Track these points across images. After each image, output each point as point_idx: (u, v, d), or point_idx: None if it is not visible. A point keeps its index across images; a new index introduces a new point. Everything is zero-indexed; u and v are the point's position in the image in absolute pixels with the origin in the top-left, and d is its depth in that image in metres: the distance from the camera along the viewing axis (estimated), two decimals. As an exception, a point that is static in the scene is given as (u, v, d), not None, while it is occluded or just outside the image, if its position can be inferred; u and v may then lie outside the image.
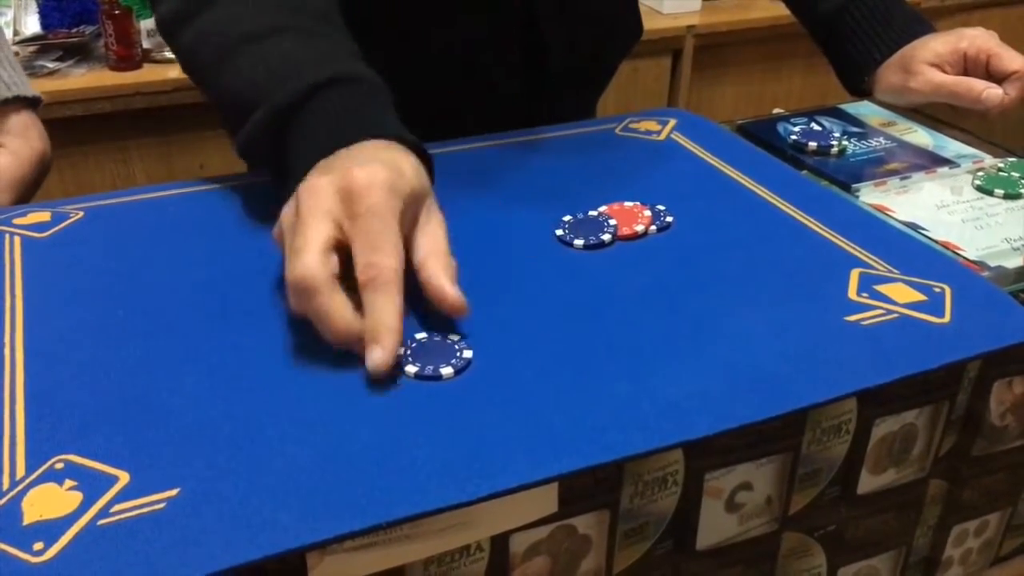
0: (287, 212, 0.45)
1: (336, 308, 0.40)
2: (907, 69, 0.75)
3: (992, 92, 0.70)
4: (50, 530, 0.32)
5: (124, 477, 0.35)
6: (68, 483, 0.34)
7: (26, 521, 0.33)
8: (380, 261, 0.41)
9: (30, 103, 0.68)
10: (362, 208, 0.42)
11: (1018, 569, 0.63)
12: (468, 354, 0.42)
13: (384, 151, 0.47)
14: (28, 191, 0.66)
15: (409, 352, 0.42)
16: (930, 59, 0.74)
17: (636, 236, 0.53)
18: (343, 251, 0.43)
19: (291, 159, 0.50)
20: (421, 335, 0.44)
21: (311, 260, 0.41)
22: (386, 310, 0.40)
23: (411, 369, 0.41)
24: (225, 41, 0.54)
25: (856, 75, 0.80)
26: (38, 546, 0.31)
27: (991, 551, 0.61)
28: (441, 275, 0.43)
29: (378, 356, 0.40)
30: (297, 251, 0.41)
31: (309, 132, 0.50)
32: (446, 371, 0.41)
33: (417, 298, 0.44)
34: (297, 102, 0.50)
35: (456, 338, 0.43)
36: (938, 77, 0.73)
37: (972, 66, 0.74)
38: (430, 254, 0.44)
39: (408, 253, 0.44)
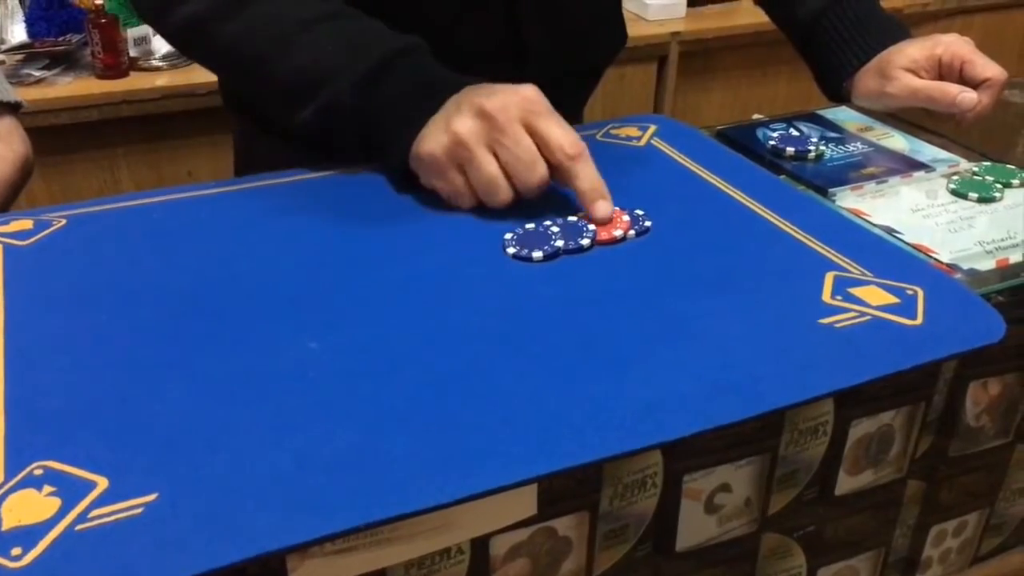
0: (468, 134, 0.55)
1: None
2: (884, 74, 0.75)
3: (966, 96, 0.71)
4: (28, 536, 0.32)
5: (103, 482, 0.35)
6: (47, 489, 0.35)
7: (4, 527, 0.33)
8: (578, 141, 0.56)
9: (11, 108, 0.69)
10: (542, 107, 0.56)
11: (997, 569, 0.63)
12: (560, 243, 0.53)
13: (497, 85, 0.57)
14: (11, 194, 0.66)
15: (514, 238, 0.53)
16: (906, 64, 0.74)
17: (615, 241, 0.54)
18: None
19: (395, 113, 0.58)
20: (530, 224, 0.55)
21: (542, 170, 0.55)
22: (596, 175, 0.56)
23: (511, 251, 0.52)
24: (284, 28, 0.60)
25: (834, 80, 0.81)
26: (16, 551, 0.32)
27: (970, 551, 0.62)
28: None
29: (605, 207, 0.55)
30: (520, 160, 0.55)
31: (400, 92, 0.58)
32: (537, 255, 0.51)
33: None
34: (385, 63, 0.59)
35: (556, 230, 0.54)
36: (914, 82, 0.73)
37: (947, 72, 0.75)
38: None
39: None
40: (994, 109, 0.72)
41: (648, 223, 0.55)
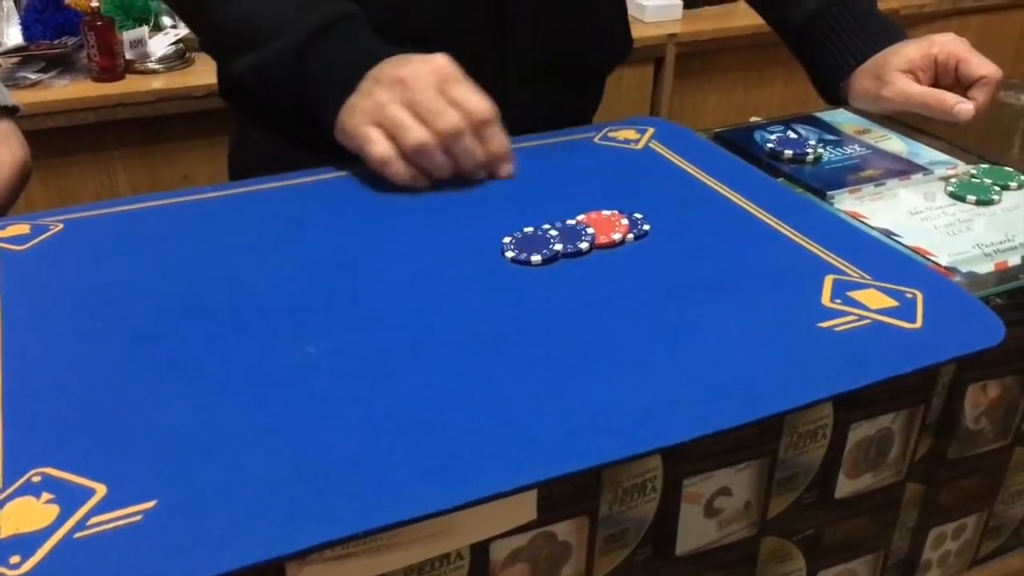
0: (385, 101, 0.59)
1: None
2: (880, 77, 0.74)
3: (963, 107, 0.71)
4: (27, 544, 0.32)
5: (101, 490, 0.35)
6: (45, 496, 0.34)
7: (3, 535, 0.33)
8: (488, 106, 0.59)
9: (9, 111, 0.69)
10: (454, 74, 0.59)
11: (996, 571, 0.63)
12: (558, 247, 0.53)
13: (417, 55, 0.60)
14: (10, 198, 0.67)
15: (512, 242, 0.53)
16: (903, 66, 0.74)
17: (613, 244, 0.54)
18: None
19: (324, 76, 0.61)
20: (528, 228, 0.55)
21: (456, 118, 0.58)
22: (504, 139, 0.61)
23: (510, 255, 0.52)
24: None
25: (830, 82, 0.80)
26: (14, 560, 0.31)
27: (969, 553, 0.62)
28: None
29: (507, 169, 0.62)
30: (436, 113, 0.58)
31: (337, 56, 0.62)
32: (535, 258, 0.52)
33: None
34: (323, 29, 0.61)
35: (554, 233, 0.54)
36: (910, 88, 0.73)
37: (942, 71, 0.74)
38: None
39: None
40: (990, 108, 0.72)
41: (647, 227, 0.55)
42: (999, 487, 0.60)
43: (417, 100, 0.58)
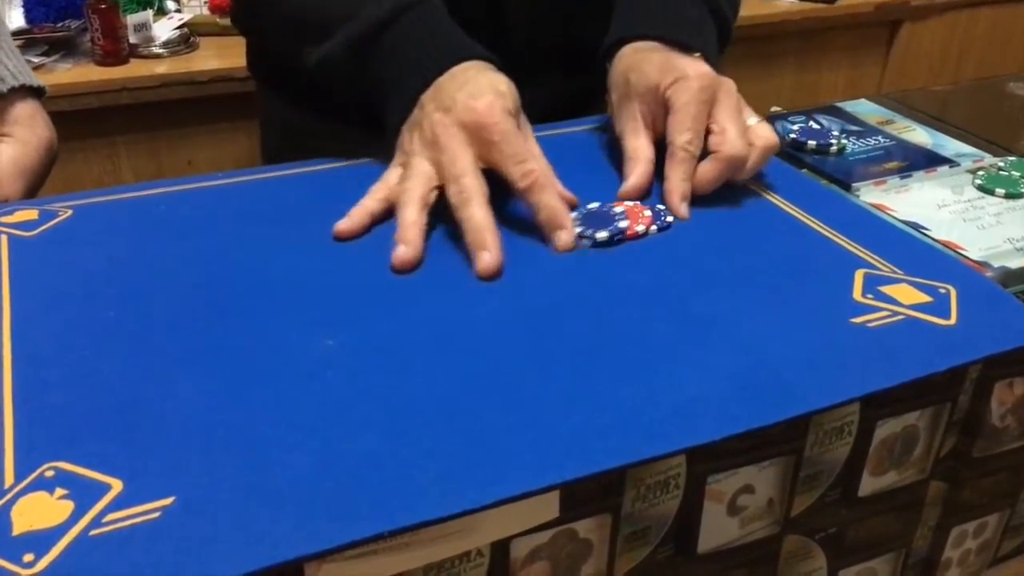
0: (408, 147, 0.55)
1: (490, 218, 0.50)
2: (623, 86, 0.59)
3: (679, 211, 0.54)
4: (41, 541, 0.31)
5: (117, 485, 0.34)
6: (59, 491, 0.33)
7: (16, 531, 0.32)
8: (533, 166, 0.51)
9: (35, 92, 0.68)
10: (496, 136, 0.52)
11: (1016, 570, 0.63)
12: (623, 224, 0.52)
13: (483, 75, 0.55)
14: (37, 180, 0.66)
15: (579, 218, 0.53)
16: (640, 90, 0.58)
17: (637, 236, 0.53)
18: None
19: (388, 76, 0.57)
20: (593, 204, 0.54)
21: (472, 179, 0.51)
22: (553, 203, 0.51)
23: (578, 230, 0.52)
24: None
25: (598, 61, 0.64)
26: (28, 558, 0.31)
27: (989, 552, 0.61)
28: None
29: (566, 237, 0.51)
30: (456, 176, 0.51)
31: (401, 52, 0.57)
32: (601, 235, 0.51)
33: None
34: (385, 20, 0.57)
35: (620, 209, 0.53)
36: (629, 140, 0.58)
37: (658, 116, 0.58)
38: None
39: None
40: (999, 103, 0.68)
41: (670, 219, 0.54)
42: (1022, 486, 0.59)
43: (445, 170, 0.52)
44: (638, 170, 0.57)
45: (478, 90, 0.53)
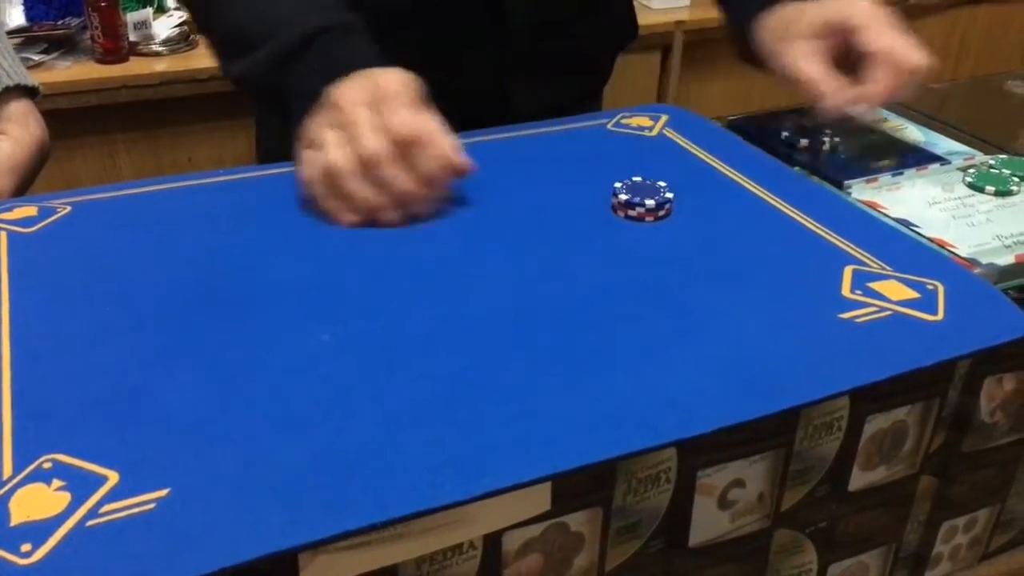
0: (319, 121, 0.55)
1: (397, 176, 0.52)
2: (783, 39, 0.64)
3: (858, 109, 0.60)
4: (38, 531, 0.32)
5: (113, 477, 0.34)
6: (56, 483, 0.34)
7: (13, 522, 0.32)
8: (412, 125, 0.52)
9: (29, 92, 0.69)
10: (391, 92, 0.54)
11: (1007, 565, 0.63)
12: (670, 195, 0.55)
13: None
14: (29, 177, 0.67)
15: (623, 187, 0.55)
16: (803, 32, 0.63)
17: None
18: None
19: (296, 88, 0.59)
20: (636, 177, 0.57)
21: (375, 140, 0.52)
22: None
23: (623, 197, 0.54)
24: None
25: (741, 40, 0.70)
26: (26, 548, 0.31)
27: (980, 547, 0.62)
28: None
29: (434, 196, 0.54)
30: (356, 136, 0.52)
31: (309, 71, 0.59)
32: (649, 202, 0.54)
33: None
34: (304, 42, 0.59)
35: (662, 184, 0.56)
36: (801, 66, 0.62)
37: (844, 40, 0.63)
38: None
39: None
40: (996, 98, 0.69)
41: (670, 194, 0.56)
42: (1012, 481, 0.59)
43: (343, 122, 0.54)
44: (832, 85, 0.61)
45: (372, 74, 0.56)
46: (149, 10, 1.52)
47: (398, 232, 0.53)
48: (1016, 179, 0.62)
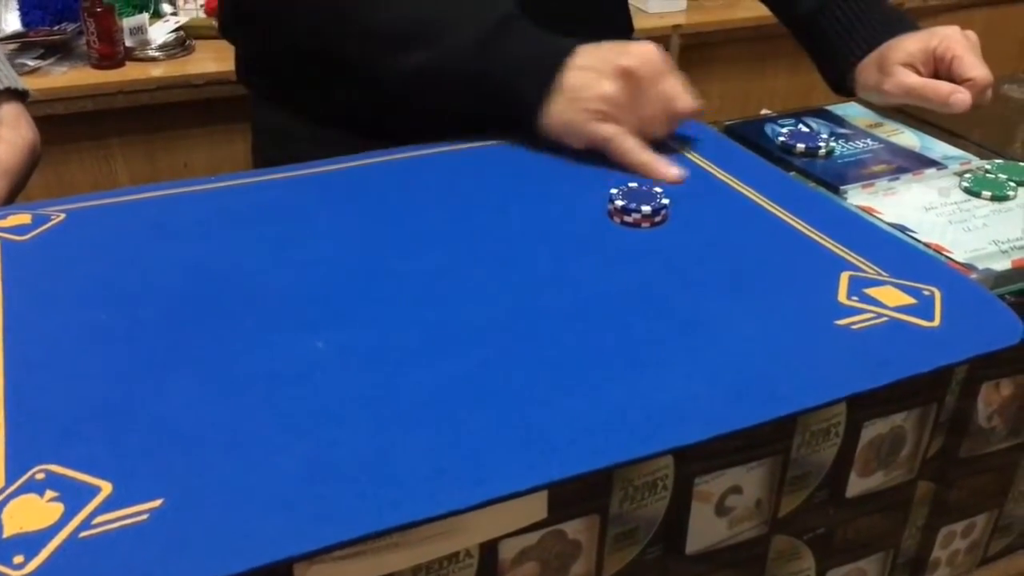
0: (613, 87, 0.61)
1: None
2: (882, 69, 0.74)
3: (959, 97, 0.70)
4: (31, 543, 0.31)
5: (107, 487, 0.34)
6: (49, 494, 0.34)
7: (6, 534, 0.32)
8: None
9: (19, 95, 0.69)
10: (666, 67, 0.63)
11: (1004, 570, 0.63)
12: (665, 200, 0.55)
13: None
14: (20, 180, 0.67)
15: (620, 193, 0.56)
16: (903, 59, 0.73)
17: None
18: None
19: (516, 67, 0.62)
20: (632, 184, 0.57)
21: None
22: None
23: (620, 203, 0.55)
24: None
25: (835, 73, 0.80)
26: (18, 559, 0.31)
27: (978, 552, 0.61)
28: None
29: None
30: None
31: (525, 47, 0.63)
32: (645, 208, 0.54)
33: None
34: (504, 22, 0.62)
35: (659, 190, 0.56)
36: (909, 79, 0.72)
37: (939, 64, 0.74)
38: None
39: None
40: (976, 109, 0.71)
41: (665, 200, 0.56)
42: (1009, 486, 0.59)
43: (640, 95, 0.61)
44: (944, 89, 0.71)
45: (635, 46, 0.62)
46: (145, 15, 1.52)
47: (393, 239, 0.53)
48: (1013, 184, 0.62)
